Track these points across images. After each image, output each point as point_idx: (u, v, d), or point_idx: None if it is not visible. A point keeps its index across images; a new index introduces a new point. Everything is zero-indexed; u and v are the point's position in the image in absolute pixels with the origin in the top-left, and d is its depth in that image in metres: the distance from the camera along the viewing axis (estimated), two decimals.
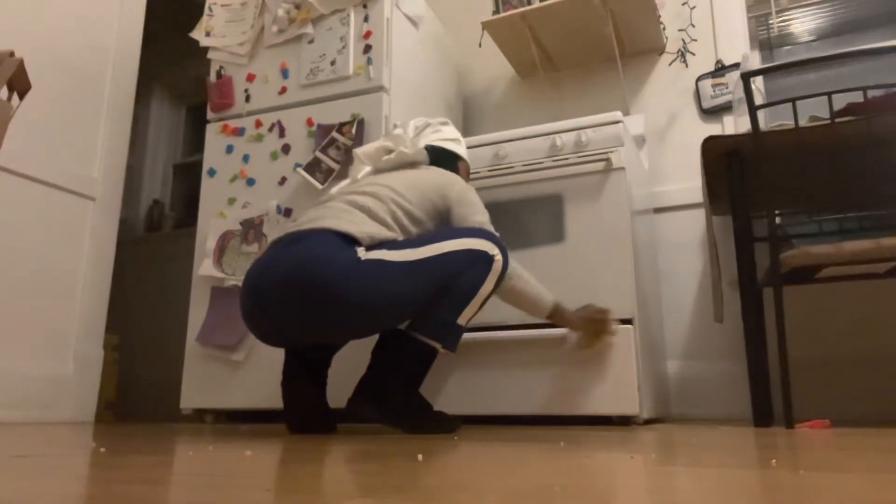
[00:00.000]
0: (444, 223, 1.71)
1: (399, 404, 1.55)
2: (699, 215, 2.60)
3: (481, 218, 1.68)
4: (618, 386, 1.83)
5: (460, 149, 1.90)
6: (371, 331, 1.56)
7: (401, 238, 1.58)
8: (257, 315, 1.53)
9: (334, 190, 1.80)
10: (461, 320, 1.55)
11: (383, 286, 1.45)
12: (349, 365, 2.06)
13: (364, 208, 1.59)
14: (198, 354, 2.35)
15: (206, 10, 2.68)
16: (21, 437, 1.43)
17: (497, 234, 1.64)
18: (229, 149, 2.51)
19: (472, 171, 2.15)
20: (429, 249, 1.53)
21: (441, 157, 1.86)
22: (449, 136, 1.89)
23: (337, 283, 1.42)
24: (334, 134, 2.30)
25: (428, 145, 1.85)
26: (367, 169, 1.83)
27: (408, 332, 1.55)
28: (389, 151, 1.84)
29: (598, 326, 1.79)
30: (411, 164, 1.81)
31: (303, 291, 1.44)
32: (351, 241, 1.50)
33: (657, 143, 2.73)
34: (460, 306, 1.54)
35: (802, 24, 2.80)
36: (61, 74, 2.59)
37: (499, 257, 1.59)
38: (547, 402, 1.89)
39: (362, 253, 1.48)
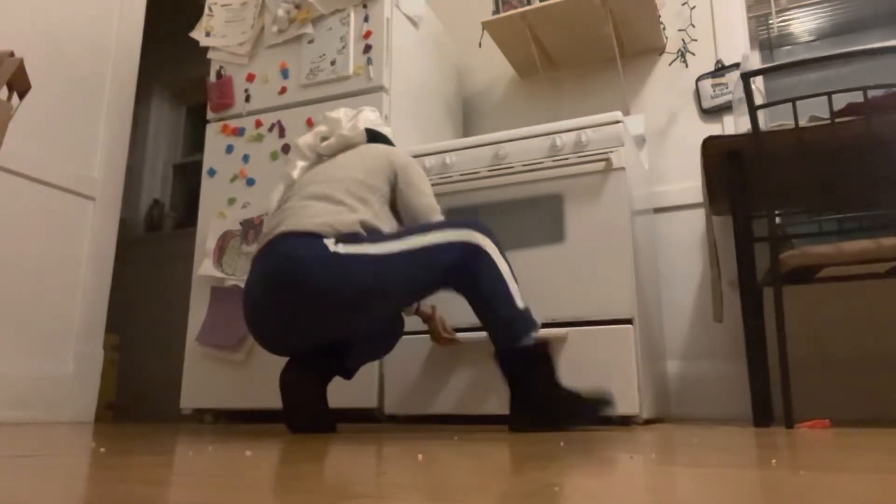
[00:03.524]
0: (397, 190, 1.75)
1: (550, 409, 1.59)
2: (699, 215, 2.60)
3: (429, 201, 1.73)
4: (618, 386, 1.83)
5: (391, 134, 1.94)
6: (367, 321, 1.60)
7: (365, 216, 1.59)
8: (261, 328, 1.60)
9: (274, 195, 1.82)
10: (519, 303, 1.60)
11: (362, 278, 1.50)
12: None
13: (320, 196, 1.61)
14: (198, 354, 2.35)
15: (206, 10, 2.68)
16: (21, 437, 1.43)
17: (467, 219, 1.66)
18: (229, 149, 2.51)
19: (471, 171, 2.16)
20: (411, 241, 1.57)
21: (378, 140, 1.88)
22: (380, 122, 1.91)
23: (315, 277, 1.47)
24: None
25: (367, 128, 1.86)
26: (302, 165, 1.84)
27: (502, 349, 1.60)
28: (325, 137, 1.86)
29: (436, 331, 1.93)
30: (352, 146, 1.83)
31: (289, 293, 1.50)
32: (316, 236, 1.53)
33: (657, 143, 2.73)
34: (507, 295, 1.58)
35: (802, 24, 2.80)
36: (61, 74, 2.59)
37: (481, 238, 1.60)
38: None
39: (331, 245, 1.51)
